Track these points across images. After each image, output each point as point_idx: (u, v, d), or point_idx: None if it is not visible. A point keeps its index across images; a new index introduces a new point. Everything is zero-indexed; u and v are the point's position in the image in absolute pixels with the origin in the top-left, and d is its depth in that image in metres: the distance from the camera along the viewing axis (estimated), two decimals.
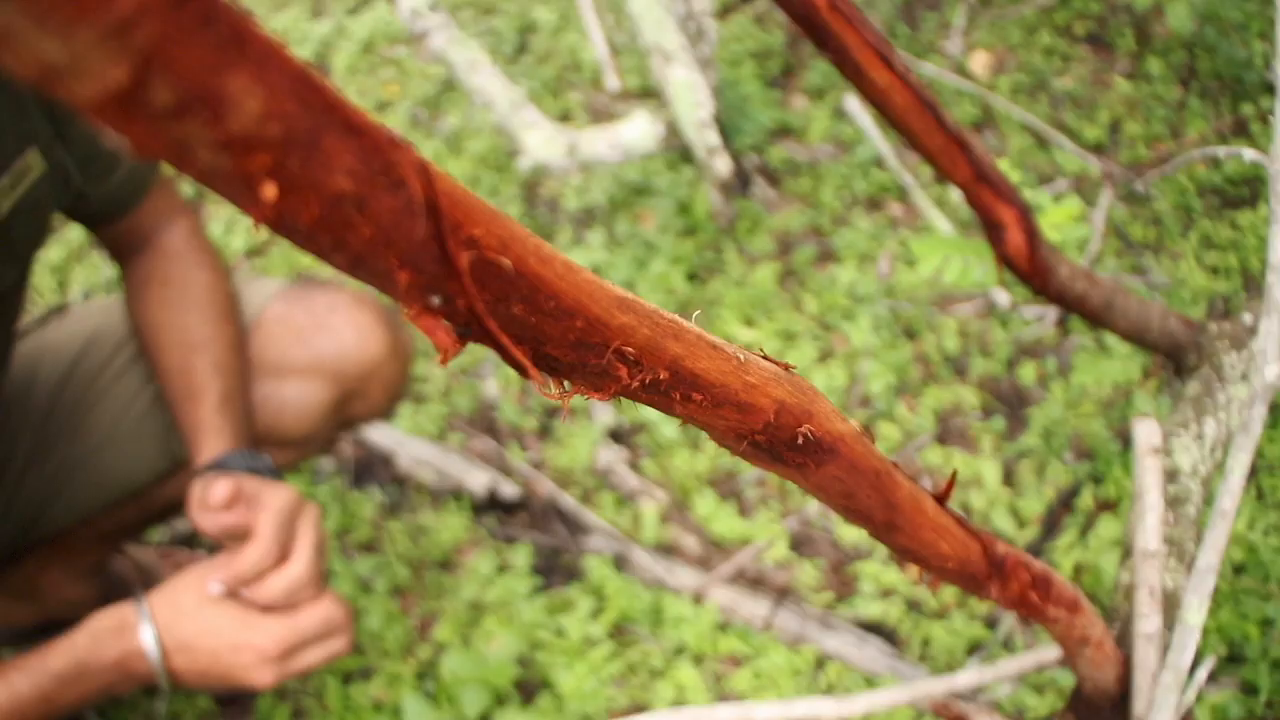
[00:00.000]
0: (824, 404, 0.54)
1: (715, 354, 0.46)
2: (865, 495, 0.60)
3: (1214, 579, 1.05)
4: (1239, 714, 1.79)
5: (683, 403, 0.45)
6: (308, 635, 1.38)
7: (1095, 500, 2.09)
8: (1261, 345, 1.07)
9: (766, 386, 0.49)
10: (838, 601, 2.01)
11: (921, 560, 0.72)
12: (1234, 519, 1.06)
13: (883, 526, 0.65)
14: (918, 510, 0.67)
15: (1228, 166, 2.70)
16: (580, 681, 1.90)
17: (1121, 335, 1.45)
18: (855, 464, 0.57)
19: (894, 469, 0.63)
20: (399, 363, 1.75)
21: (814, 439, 0.53)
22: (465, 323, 0.35)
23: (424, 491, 2.27)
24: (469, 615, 2.04)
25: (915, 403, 2.28)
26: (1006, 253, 1.28)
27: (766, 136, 2.83)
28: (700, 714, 1.23)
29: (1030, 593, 0.86)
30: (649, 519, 2.12)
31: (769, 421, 0.50)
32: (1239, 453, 1.05)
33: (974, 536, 0.76)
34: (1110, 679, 1.11)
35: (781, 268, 2.53)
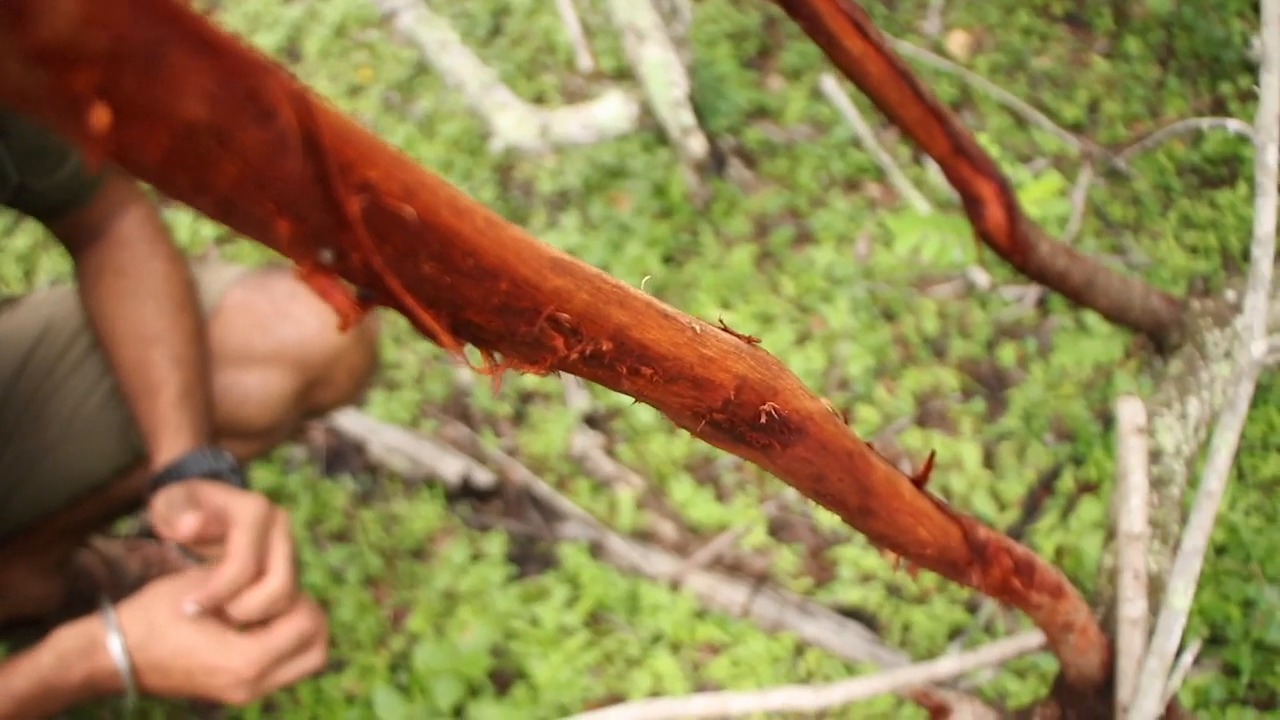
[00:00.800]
0: (790, 380, 0.51)
1: (667, 324, 0.42)
2: (837, 478, 0.56)
3: (1200, 562, 1.02)
4: (1221, 696, 1.76)
5: (630, 377, 0.41)
6: (283, 654, 1.34)
7: (1076, 482, 2.06)
8: (1247, 321, 1.04)
9: (726, 360, 0.46)
10: (817, 587, 1.98)
11: (899, 547, 0.68)
12: (1220, 499, 1.03)
13: (857, 512, 0.61)
14: (894, 494, 0.63)
15: (1207, 145, 2.67)
16: (555, 671, 1.86)
17: (1103, 313, 1.42)
18: (825, 445, 0.53)
19: (868, 450, 0.60)
20: (365, 349, 1.70)
21: (779, 418, 0.49)
22: (366, 283, 0.31)
23: (397, 480, 2.23)
24: (442, 605, 2.00)
25: (894, 385, 2.25)
26: (985, 229, 1.24)
27: (743, 118, 2.79)
28: (676, 705, 1.19)
29: (1013, 579, 0.83)
30: (625, 505, 2.09)
31: (729, 399, 0.46)
32: (1225, 432, 1.02)
33: (954, 521, 0.73)
34: (1094, 665, 1.08)
35: (758, 250, 2.50)
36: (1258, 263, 1.05)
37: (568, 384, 2.31)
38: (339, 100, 3.17)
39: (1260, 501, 1.99)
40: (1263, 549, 1.90)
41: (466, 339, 0.36)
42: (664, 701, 1.19)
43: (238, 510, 1.35)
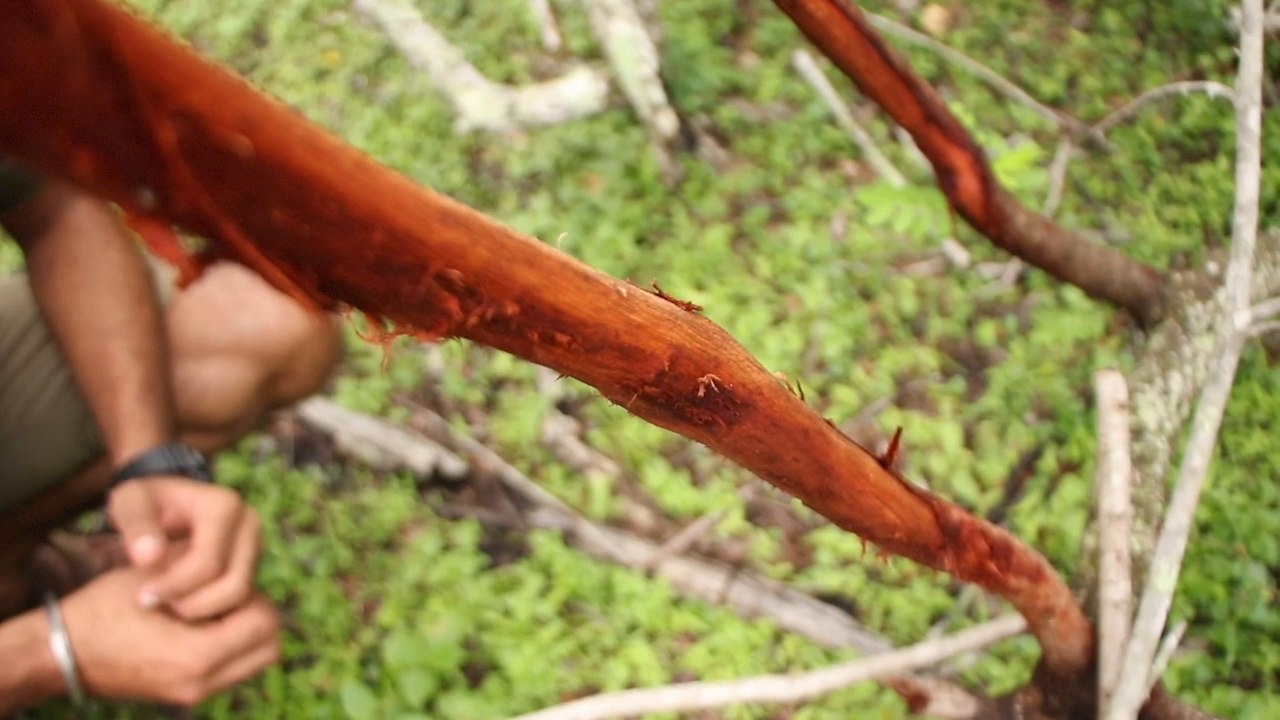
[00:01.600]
0: (735, 350, 0.46)
1: (587, 286, 0.38)
2: (792, 458, 0.52)
3: (1184, 541, 0.98)
4: (1206, 676, 1.73)
5: (545, 346, 0.37)
6: (234, 649, 1.29)
7: (1058, 462, 2.03)
8: (1231, 291, 1.00)
9: (658, 328, 0.41)
10: (795, 573, 1.94)
11: (865, 531, 0.64)
12: (1204, 476, 0.99)
13: (817, 494, 0.57)
14: (857, 474, 0.59)
15: (1186, 119, 2.64)
16: (529, 663, 1.82)
17: (1082, 287, 1.38)
18: (777, 421, 0.49)
19: (827, 427, 0.55)
20: (327, 339, 1.66)
21: (723, 391, 0.45)
22: (201, 231, 0.26)
23: (366, 470, 2.18)
24: (413, 597, 1.96)
25: (872, 366, 2.21)
26: (959, 199, 1.20)
27: (716, 96, 2.74)
28: (646, 698, 1.15)
29: (989, 562, 0.79)
30: (598, 492, 2.04)
31: (663, 370, 0.42)
32: (1208, 406, 0.98)
33: (923, 502, 0.69)
34: (1077, 649, 1.05)
35: (732, 230, 2.45)
36: (1240, 230, 1.02)
37: (539, 369, 2.26)
38: (306, 84, 3.11)
39: (1244, 479, 1.96)
40: (1247, 527, 1.87)
41: (344, 301, 0.31)
42: (634, 694, 1.15)
43: (207, 505, 1.31)
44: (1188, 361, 1.33)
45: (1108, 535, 1.04)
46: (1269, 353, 2.16)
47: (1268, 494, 1.92)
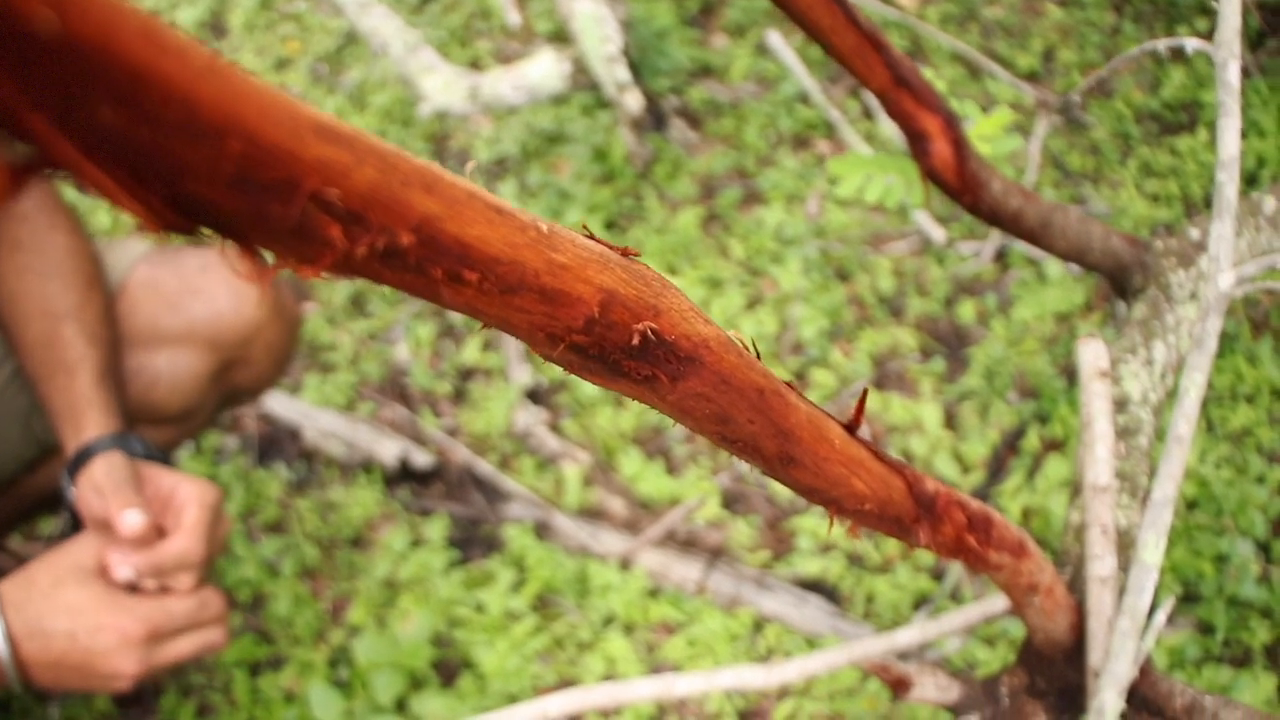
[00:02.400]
0: (676, 299, 0.41)
1: (499, 219, 0.33)
2: (746, 419, 0.47)
3: (1171, 513, 0.94)
4: (1196, 654, 1.69)
5: (452, 285, 0.32)
6: (178, 620, 1.23)
7: (1041, 440, 1.98)
8: (1214, 251, 0.95)
9: (586, 270, 0.36)
10: (775, 560, 1.89)
11: (832, 502, 0.59)
12: (1190, 446, 0.95)
13: (777, 460, 0.52)
14: (820, 440, 0.54)
15: (1165, 91, 2.60)
16: (503, 659, 1.77)
17: (1061, 256, 1.33)
18: (726, 378, 0.44)
19: (786, 388, 0.51)
20: (283, 324, 1.60)
21: (663, 343, 0.40)
22: (15, 132, 0.22)
23: (333, 466, 2.12)
24: (383, 595, 1.90)
25: (850, 347, 2.16)
26: (932, 166, 1.15)
27: (685, 77, 2.69)
28: (618, 690, 1.10)
29: (967, 536, 0.74)
30: (571, 482, 1.99)
31: (592, 317, 0.37)
32: (1193, 372, 0.94)
33: (895, 471, 0.64)
34: (1063, 628, 1.00)
35: (704, 212, 2.40)
36: (1222, 188, 0.97)
37: (509, 358, 2.21)
38: (267, 74, 3.05)
39: (1230, 453, 1.92)
40: (1234, 502, 1.83)
41: (204, 224, 0.27)
42: (606, 686, 1.11)
43: (197, 490, 1.27)
44: (1171, 330, 1.29)
45: (1092, 509, 0.99)
46: (1253, 325, 2.12)
47: (1254, 468, 1.89)
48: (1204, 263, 1.34)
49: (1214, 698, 0.89)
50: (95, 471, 1.25)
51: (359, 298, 2.41)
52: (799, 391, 0.53)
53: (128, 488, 1.23)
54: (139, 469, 1.28)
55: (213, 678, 1.85)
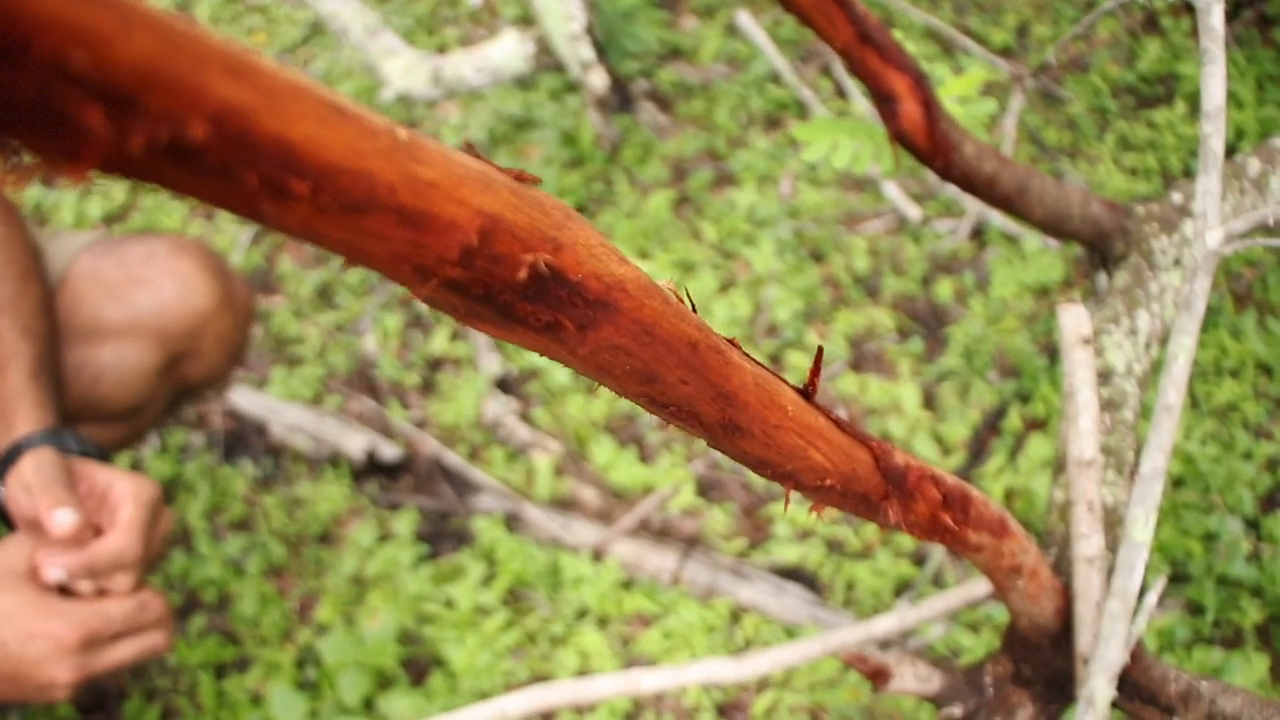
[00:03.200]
0: (584, 233, 0.35)
1: (339, 120, 0.27)
2: (677, 380, 0.41)
3: (1160, 487, 0.88)
4: (1186, 636, 1.64)
5: (275, 198, 0.26)
6: (116, 624, 1.17)
7: (1023, 420, 1.93)
8: (1200, 207, 0.90)
9: (460, 190, 0.30)
10: (751, 548, 1.83)
11: (788, 476, 0.53)
12: (1179, 415, 0.89)
13: (720, 429, 0.46)
14: (770, 405, 0.48)
15: (1141, 64, 2.55)
16: (473, 656, 1.71)
17: (1039, 224, 1.28)
18: (649, 329, 0.38)
19: (727, 345, 0.45)
20: (233, 314, 1.54)
21: (564, 282, 0.34)
22: None
23: (300, 461, 2.06)
24: (351, 592, 1.84)
25: (826, 329, 2.11)
26: (900, 128, 1.10)
27: (655, 60, 2.63)
28: (581, 687, 1.05)
29: (942, 514, 0.69)
30: (542, 472, 1.93)
31: (469, 247, 0.31)
32: (1181, 336, 0.89)
33: (860, 443, 0.58)
34: (1049, 612, 0.95)
35: (676, 195, 2.34)
36: (1208, 140, 0.92)
37: (478, 347, 2.15)
38: None
39: (1216, 429, 1.88)
40: (1222, 479, 1.78)
41: None
42: (568, 684, 1.05)
43: (134, 486, 1.21)
44: (1155, 299, 1.24)
45: (1077, 484, 0.94)
46: (1236, 298, 2.07)
47: (1241, 444, 1.84)
48: (1188, 227, 1.29)
49: (1210, 683, 0.84)
50: (25, 469, 1.18)
51: (326, 289, 2.35)
52: (743, 350, 0.47)
53: (58, 486, 1.17)
54: (73, 466, 1.21)
55: (177, 681, 1.79)
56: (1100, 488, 0.99)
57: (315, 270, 2.37)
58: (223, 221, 2.51)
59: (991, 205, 1.24)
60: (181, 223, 2.52)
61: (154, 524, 1.21)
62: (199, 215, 2.55)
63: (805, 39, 2.63)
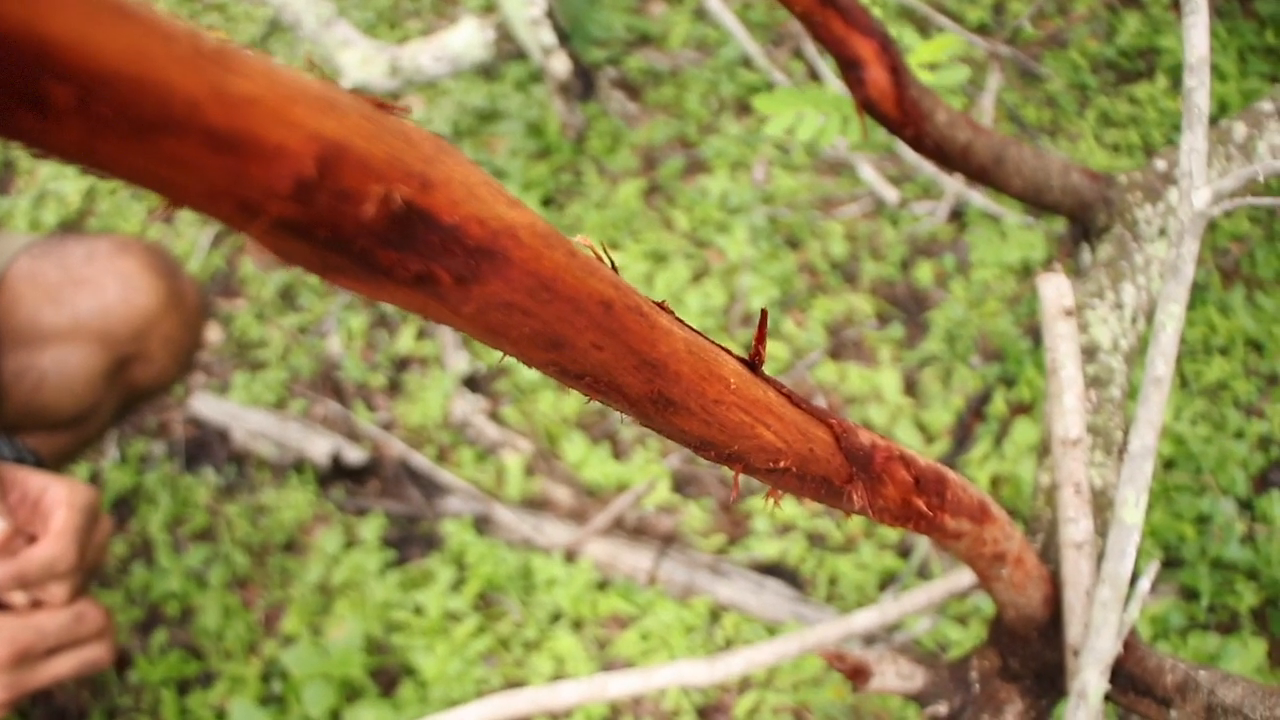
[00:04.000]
0: (462, 169, 0.29)
1: (118, 18, 0.21)
2: (589, 345, 0.35)
3: (1151, 465, 0.83)
4: (1180, 622, 1.59)
5: (31, 110, 0.20)
6: (51, 638, 1.10)
7: (1008, 404, 1.88)
8: (1186, 166, 0.84)
9: (290, 110, 0.25)
10: (730, 545, 1.78)
11: (737, 458, 0.48)
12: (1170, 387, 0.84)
13: (650, 404, 0.40)
14: (708, 377, 0.42)
15: (1120, 39, 2.50)
16: (444, 664, 1.65)
17: (1017, 196, 1.22)
18: (549, 284, 0.32)
19: (652, 307, 0.39)
20: (181, 315, 1.47)
21: (433, 225, 0.28)
22: None
23: (264, 467, 1.99)
24: (318, 602, 1.78)
25: (803, 317, 2.05)
26: (868, 95, 1.04)
27: (622, 47, 2.57)
28: (542, 696, 0.99)
29: (915, 499, 0.63)
30: (513, 472, 1.87)
31: (305, 179, 0.25)
32: (1169, 303, 0.83)
33: (817, 420, 0.52)
34: (1036, 601, 0.89)
35: (646, 184, 2.28)
36: (1192, 94, 0.86)
37: (445, 344, 2.09)
38: None
39: (1206, 409, 1.82)
40: (1213, 459, 1.73)
41: None
42: (531, 692, 0.99)
43: (68, 492, 1.13)
44: (1140, 271, 1.18)
45: (1063, 465, 0.88)
46: (1223, 274, 2.02)
47: (1232, 423, 1.79)
48: (1173, 195, 1.23)
49: (1209, 672, 0.78)
50: None
51: (289, 291, 2.28)
52: (674, 314, 0.41)
53: None
54: (3, 473, 1.15)
55: (139, 699, 1.73)
56: (1088, 469, 0.94)
57: (278, 272, 2.31)
58: (183, 225, 2.44)
59: (967, 177, 1.18)
60: (140, 226, 2.46)
61: (90, 530, 1.14)
62: (159, 218, 2.48)
63: (777, 22, 2.58)
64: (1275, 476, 1.74)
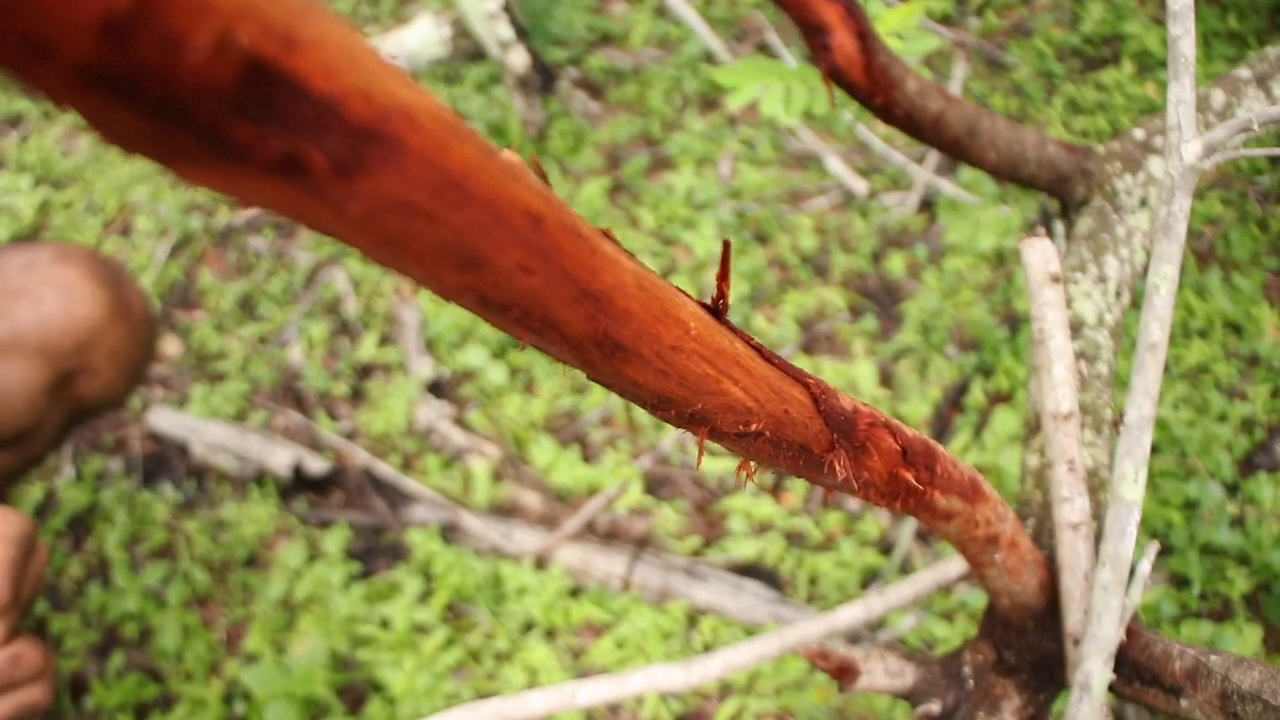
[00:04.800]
0: (339, 31, 0.24)
1: None
2: (514, 266, 0.29)
3: (1149, 438, 0.78)
4: (1173, 611, 1.54)
5: None
6: None
7: (987, 394, 1.83)
8: (1174, 118, 0.79)
9: None
10: (706, 546, 1.72)
11: (701, 419, 0.42)
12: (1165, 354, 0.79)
13: (595, 348, 0.35)
14: (663, 319, 0.36)
15: (1085, 25, 2.47)
16: (412, 679, 1.58)
17: (992, 170, 1.17)
18: (458, 182, 0.26)
19: (593, 231, 0.33)
20: (127, 325, 1.40)
21: (301, 93, 0.22)
22: None
23: (225, 481, 1.92)
24: (281, 618, 1.71)
25: (774, 312, 2.00)
26: (834, 62, 0.99)
27: (584, 47, 2.52)
28: (507, 707, 0.92)
29: (903, 472, 0.57)
30: (480, 479, 1.81)
31: (115, 12, 0.19)
32: (1162, 264, 0.78)
33: (792, 379, 0.47)
34: (1032, 588, 0.83)
35: (610, 183, 2.23)
36: (1177, 43, 0.81)
37: (408, 350, 2.02)
38: None
39: (1188, 393, 1.78)
40: (1198, 443, 1.69)
41: None
42: (493, 703, 0.93)
43: None
44: (1123, 243, 1.13)
45: (1055, 441, 0.83)
46: (1198, 257, 1.98)
47: (1215, 406, 1.74)
48: (1153, 165, 1.19)
49: (1220, 656, 0.73)
50: None
51: (248, 300, 2.22)
52: (620, 244, 0.36)
53: None
54: None
55: None
56: (1081, 445, 0.88)
57: (237, 282, 2.24)
58: (139, 237, 2.37)
59: (940, 150, 1.13)
60: (96, 239, 2.38)
61: (25, 563, 1.07)
62: (114, 231, 2.42)
63: (739, 17, 2.53)
64: (1261, 459, 1.69)
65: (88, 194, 2.47)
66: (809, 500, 1.75)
